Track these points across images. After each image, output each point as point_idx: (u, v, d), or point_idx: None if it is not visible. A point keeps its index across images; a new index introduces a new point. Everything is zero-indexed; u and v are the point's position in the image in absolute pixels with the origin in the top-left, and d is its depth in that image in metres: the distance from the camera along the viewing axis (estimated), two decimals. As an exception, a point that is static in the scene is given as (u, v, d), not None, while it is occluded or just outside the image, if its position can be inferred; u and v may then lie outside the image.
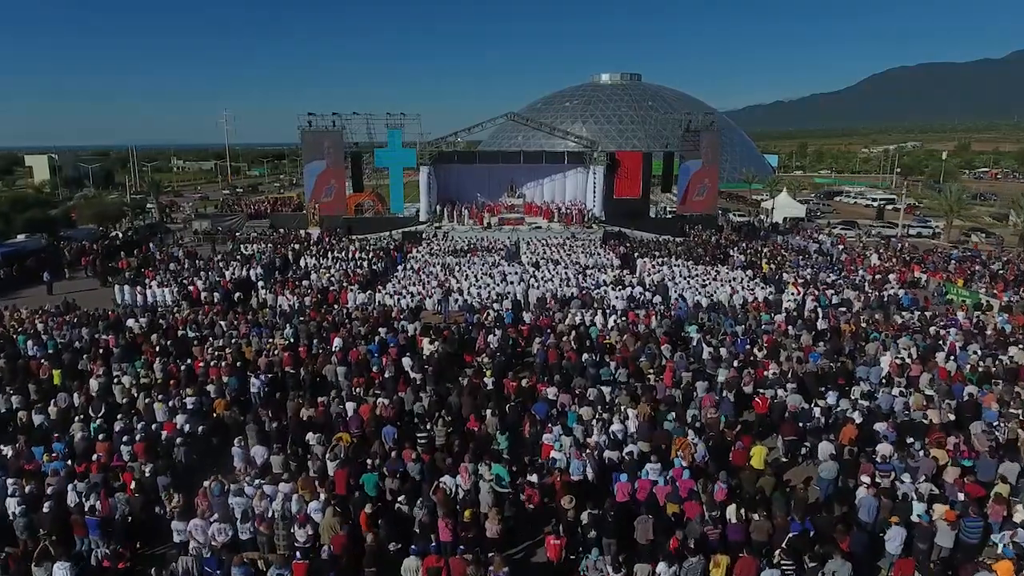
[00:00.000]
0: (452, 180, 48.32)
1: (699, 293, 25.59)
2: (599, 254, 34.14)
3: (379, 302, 24.89)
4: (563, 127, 66.44)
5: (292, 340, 19.98)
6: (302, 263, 32.73)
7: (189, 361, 17.71)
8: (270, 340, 19.36)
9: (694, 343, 19.85)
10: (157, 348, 18.72)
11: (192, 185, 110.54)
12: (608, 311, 23.11)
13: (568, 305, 23.93)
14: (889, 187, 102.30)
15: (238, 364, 17.42)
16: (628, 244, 37.56)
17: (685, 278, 27.68)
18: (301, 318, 22.14)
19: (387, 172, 47.68)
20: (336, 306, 25.08)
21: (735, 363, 17.45)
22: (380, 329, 20.56)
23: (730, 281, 27.32)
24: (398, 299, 24.58)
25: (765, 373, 16.93)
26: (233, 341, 19.30)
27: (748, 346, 19.33)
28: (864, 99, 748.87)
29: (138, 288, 26.38)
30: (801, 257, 34.30)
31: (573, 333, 20.14)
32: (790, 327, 21.17)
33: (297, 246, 36.68)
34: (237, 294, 26.04)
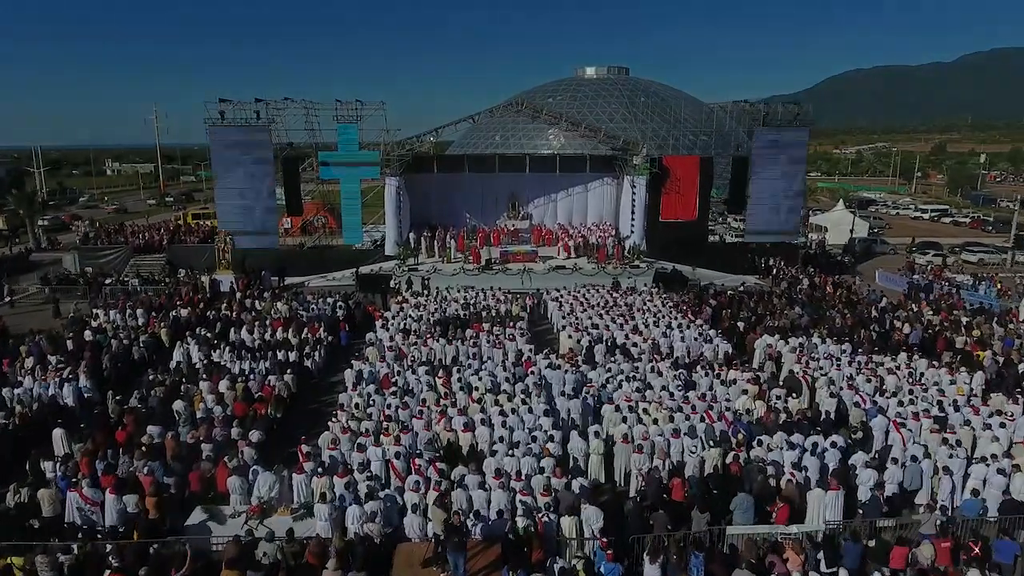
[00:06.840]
0: (431, 195, 34.69)
1: (933, 442, 12.78)
2: (678, 321, 20.93)
3: (302, 501, 11.22)
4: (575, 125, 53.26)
5: None
6: (178, 354, 18.62)
7: None
8: None
9: None
10: None
11: (108, 193, 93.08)
12: (827, 520, 10.04)
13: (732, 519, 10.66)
14: (908, 192, 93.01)
15: None
16: (717, 299, 24.24)
17: (908, 408, 14.51)
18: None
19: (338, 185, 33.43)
20: (204, 501, 11.42)
21: None
22: None
23: (989, 414, 14.23)
24: (340, 500, 10.76)
25: None
26: None
27: None
28: (823, 100, 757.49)
29: None
30: (985, 320, 21.82)
31: None
32: None
33: (185, 313, 22.37)
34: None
